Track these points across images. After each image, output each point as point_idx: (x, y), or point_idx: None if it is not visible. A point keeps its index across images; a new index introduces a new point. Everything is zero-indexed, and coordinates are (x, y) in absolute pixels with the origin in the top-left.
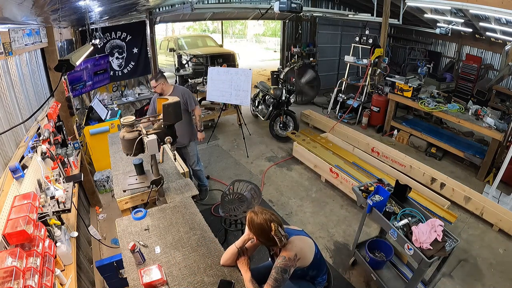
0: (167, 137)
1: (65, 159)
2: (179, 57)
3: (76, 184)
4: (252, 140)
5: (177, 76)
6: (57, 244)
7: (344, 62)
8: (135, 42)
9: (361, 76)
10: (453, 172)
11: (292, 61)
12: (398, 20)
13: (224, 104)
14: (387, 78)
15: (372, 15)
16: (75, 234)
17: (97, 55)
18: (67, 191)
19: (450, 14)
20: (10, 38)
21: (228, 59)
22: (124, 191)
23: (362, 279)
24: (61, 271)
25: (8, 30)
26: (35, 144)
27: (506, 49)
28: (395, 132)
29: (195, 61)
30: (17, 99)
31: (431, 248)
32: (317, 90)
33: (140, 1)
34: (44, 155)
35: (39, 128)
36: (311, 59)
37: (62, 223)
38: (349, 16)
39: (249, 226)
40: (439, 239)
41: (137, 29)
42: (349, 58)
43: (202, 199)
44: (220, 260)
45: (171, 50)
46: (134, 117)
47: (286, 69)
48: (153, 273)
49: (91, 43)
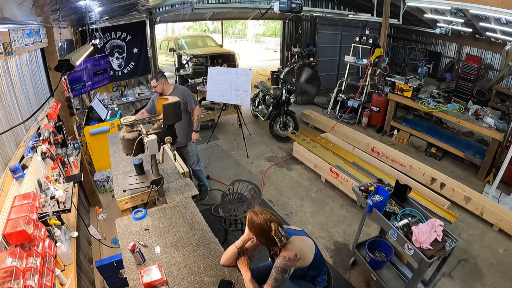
0: (167, 137)
1: (65, 159)
2: (179, 57)
3: (76, 184)
4: (252, 140)
5: (177, 76)
6: (57, 244)
7: (344, 62)
8: (135, 42)
9: (361, 76)
10: (453, 172)
11: (292, 61)
12: (398, 20)
13: (224, 104)
14: (387, 78)
15: (372, 15)
16: (75, 234)
17: (97, 55)
18: (67, 191)
19: (450, 14)
20: (10, 38)
21: (228, 59)
22: (124, 191)
23: (362, 279)
24: (61, 271)
25: (8, 30)
26: (35, 144)
27: (506, 49)
28: (395, 132)
29: (195, 61)
30: (17, 99)
31: (431, 248)
32: (317, 90)
33: (140, 1)
34: (44, 155)
35: (39, 128)
36: (311, 59)
37: (62, 223)
38: (349, 16)
39: (249, 226)
40: (439, 239)
41: (137, 29)
42: (349, 58)
43: (202, 199)
44: (220, 260)
45: (171, 50)
46: (134, 117)
47: (286, 69)
48: (153, 273)
49: (91, 43)
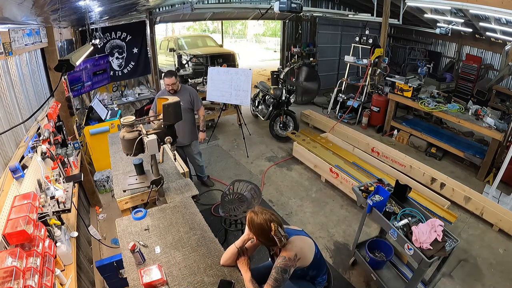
0: (167, 137)
1: (65, 159)
2: (179, 57)
3: (76, 184)
4: (252, 140)
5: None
6: (57, 244)
7: (344, 62)
8: (135, 42)
9: (361, 76)
10: (453, 172)
11: (292, 61)
12: (398, 20)
13: (224, 104)
14: (387, 78)
15: (372, 15)
16: (75, 234)
17: (97, 55)
18: (67, 191)
19: (450, 14)
20: (10, 38)
21: (228, 59)
22: (124, 191)
23: (362, 279)
24: (61, 271)
25: (8, 30)
26: (35, 144)
27: (506, 49)
28: (395, 132)
29: (195, 61)
30: (17, 99)
31: (431, 248)
32: (317, 90)
33: (140, 1)
34: (44, 155)
35: (39, 128)
36: (311, 59)
37: (62, 223)
38: (349, 16)
39: (249, 226)
40: (439, 239)
41: (137, 29)
42: (349, 58)
43: (211, 186)
44: (220, 260)
45: (171, 50)
46: (134, 117)
47: (286, 69)
48: (153, 273)
49: (91, 43)
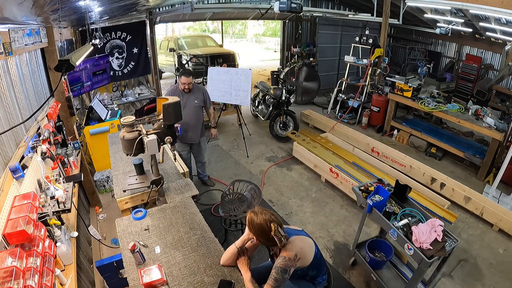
0: (167, 137)
1: (65, 159)
2: (179, 57)
3: (76, 184)
4: (252, 140)
5: (177, 76)
6: (57, 244)
7: (344, 62)
8: (135, 42)
9: (361, 76)
10: (453, 172)
11: (292, 61)
12: (398, 20)
13: (224, 104)
14: (387, 78)
15: (372, 15)
16: (75, 234)
17: (97, 55)
18: (67, 191)
19: (450, 14)
20: (10, 38)
21: (228, 59)
22: (124, 191)
23: (362, 279)
24: (61, 271)
25: (8, 30)
26: (35, 144)
27: (506, 49)
28: (395, 132)
29: (195, 61)
30: (17, 99)
31: (431, 248)
32: (317, 90)
33: (140, 1)
34: (44, 155)
35: (39, 128)
36: (311, 59)
37: (62, 223)
38: (349, 16)
39: (249, 226)
40: (439, 239)
41: (137, 29)
42: (349, 58)
43: (212, 186)
44: (220, 260)
45: (171, 50)
46: (134, 117)
47: (286, 69)
48: (153, 273)
49: (91, 43)
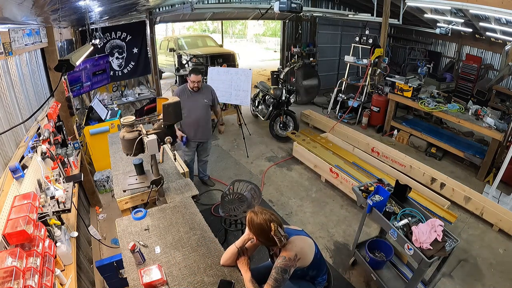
0: (167, 137)
1: (65, 159)
2: (179, 57)
3: (76, 184)
4: (252, 140)
5: (177, 76)
6: (57, 244)
7: (344, 62)
8: (135, 42)
9: (361, 76)
10: (453, 172)
11: (292, 61)
12: (398, 20)
13: (224, 104)
14: (387, 78)
15: (372, 15)
16: (75, 234)
17: (97, 55)
18: (67, 191)
19: (450, 14)
20: (10, 38)
21: (228, 59)
22: (124, 191)
23: (362, 279)
24: (61, 271)
25: (8, 30)
26: (35, 144)
27: (506, 49)
28: (395, 132)
29: (195, 61)
30: (17, 99)
31: (431, 248)
32: (317, 90)
33: (140, 1)
34: (44, 155)
35: (39, 128)
36: (311, 59)
37: (62, 223)
38: (349, 16)
39: (249, 226)
40: (439, 239)
41: (137, 29)
42: (349, 58)
43: (212, 186)
44: (220, 260)
45: (171, 50)
46: (134, 117)
47: (286, 69)
48: (153, 273)
49: (91, 43)
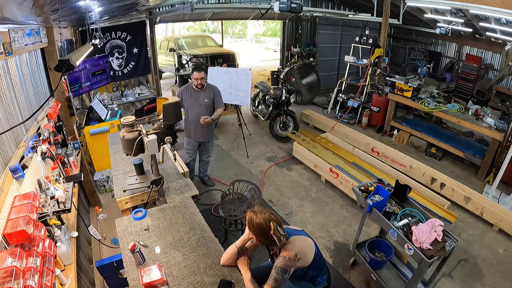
0: (167, 137)
1: (65, 159)
2: (179, 57)
3: (76, 184)
4: (252, 140)
5: (177, 76)
6: (57, 244)
7: (344, 62)
8: (135, 42)
9: (361, 76)
10: (453, 172)
11: (292, 61)
12: (398, 20)
13: (224, 104)
14: (387, 78)
15: (372, 15)
16: (75, 234)
17: (96, 56)
18: (67, 191)
19: (450, 14)
20: (10, 38)
21: (228, 59)
22: (124, 191)
23: (362, 279)
24: (61, 271)
25: (8, 30)
26: (35, 144)
27: (506, 49)
28: (395, 132)
29: (195, 61)
30: (17, 99)
31: (431, 248)
32: (317, 90)
33: (140, 1)
34: (44, 155)
35: (39, 128)
36: (311, 59)
37: (62, 223)
38: (349, 16)
39: (249, 226)
40: (439, 239)
41: (137, 29)
42: (349, 58)
43: (211, 186)
44: (220, 260)
45: (171, 50)
46: (134, 117)
47: (286, 69)
48: (153, 273)
49: (91, 43)
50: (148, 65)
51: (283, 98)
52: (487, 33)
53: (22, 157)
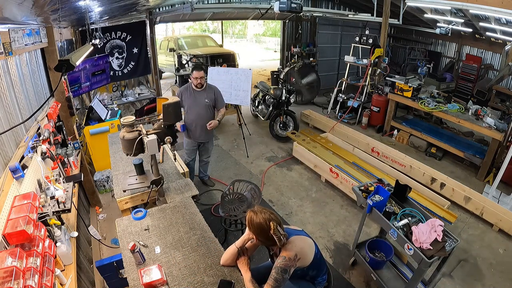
0: (167, 137)
1: (65, 159)
2: (179, 57)
3: (76, 184)
4: (252, 140)
5: (177, 76)
6: (57, 244)
7: (344, 62)
8: (135, 42)
9: (361, 76)
10: (453, 172)
11: (292, 61)
12: (398, 20)
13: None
14: (387, 78)
15: (372, 15)
16: (75, 234)
17: (96, 56)
18: (67, 191)
19: (450, 14)
20: (10, 38)
21: (228, 59)
22: (124, 191)
23: (362, 279)
24: (61, 271)
25: (8, 30)
26: (35, 144)
27: (506, 49)
28: (395, 132)
29: (195, 61)
30: (17, 99)
31: (431, 248)
32: (317, 90)
33: (140, 1)
34: (44, 155)
35: (39, 128)
36: (311, 59)
37: (62, 223)
38: (349, 16)
39: (249, 226)
40: (439, 239)
41: (137, 29)
42: (349, 58)
43: (212, 186)
44: (220, 260)
45: (171, 50)
46: (134, 117)
47: (286, 69)
48: (153, 273)
49: (91, 43)
50: (148, 65)
51: (283, 98)
52: (487, 33)
53: (22, 157)
